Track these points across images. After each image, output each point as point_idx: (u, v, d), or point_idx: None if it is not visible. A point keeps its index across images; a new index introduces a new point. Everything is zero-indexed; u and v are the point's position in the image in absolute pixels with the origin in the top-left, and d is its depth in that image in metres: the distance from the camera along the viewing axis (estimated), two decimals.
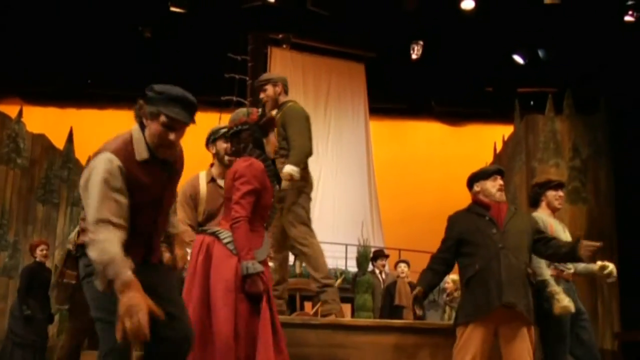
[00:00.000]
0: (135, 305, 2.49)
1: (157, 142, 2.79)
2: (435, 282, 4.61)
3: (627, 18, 9.90)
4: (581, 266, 4.88)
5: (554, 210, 4.96)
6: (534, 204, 5.00)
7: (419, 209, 13.87)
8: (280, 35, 12.87)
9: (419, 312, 4.46)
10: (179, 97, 2.79)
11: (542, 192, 4.94)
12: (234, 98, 10.51)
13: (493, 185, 4.48)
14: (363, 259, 9.40)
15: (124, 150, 2.76)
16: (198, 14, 11.36)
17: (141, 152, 2.79)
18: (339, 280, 8.03)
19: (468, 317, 4.26)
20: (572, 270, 4.83)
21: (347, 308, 9.03)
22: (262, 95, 5.11)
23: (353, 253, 10.84)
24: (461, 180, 4.66)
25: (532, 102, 12.67)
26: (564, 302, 4.43)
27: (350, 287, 9.44)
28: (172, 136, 2.78)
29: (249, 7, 11.77)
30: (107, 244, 2.57)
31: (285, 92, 5.08)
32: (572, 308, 4.44)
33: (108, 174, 2.67)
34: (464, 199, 4.73)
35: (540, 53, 11.87)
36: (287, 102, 5.03)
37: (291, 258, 9.94)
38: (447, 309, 8.66)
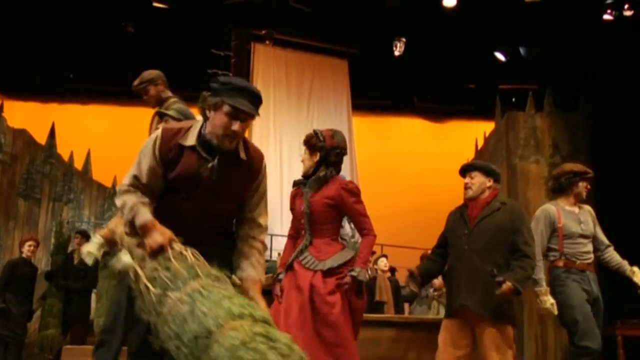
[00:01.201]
0: (156, 242, 2.65)
1: (222, 133, 2.78)
2: (431, 269, 4.57)
3: (606, 17, 10.01)
4: (616, 261, 4.93)
5: (578, 200, 4.91)
6: (561, 190, 4.91)
7: (402, 205, 13.93)
8: (263, 32, 12.87)
9: (414, 288, 4.48)
10: (244, 87, 2.81)
11: (577, 181, 4.86)
12: None
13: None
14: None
15: (174, 132, 2.89)
16: (181, 9, 11.34)
17: (189, 139, 2.86)
18: None
19: (445, 314, 4.43)
20: (589, 260, 4.77)
21: None
22: (145, 98, 4.90)
23: None
24: (443, 177, 4.72)
25: (513, 99, 12.75)
26: (546, 304, 4.53)
27: None
28: (235, 126, 2.78)
29: (232, 3, 11.78)
30: (129, 197, 2.81)
31: (166, 86, 4.91)
32: (555, 311, 4.51)
33: (150, 147, 2.85)
34: (445, 195, 4.79)
35: (522, 50, 11.98)
36: (170, 97, 4.88)
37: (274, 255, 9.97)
38: (435, 303, 8.67)
